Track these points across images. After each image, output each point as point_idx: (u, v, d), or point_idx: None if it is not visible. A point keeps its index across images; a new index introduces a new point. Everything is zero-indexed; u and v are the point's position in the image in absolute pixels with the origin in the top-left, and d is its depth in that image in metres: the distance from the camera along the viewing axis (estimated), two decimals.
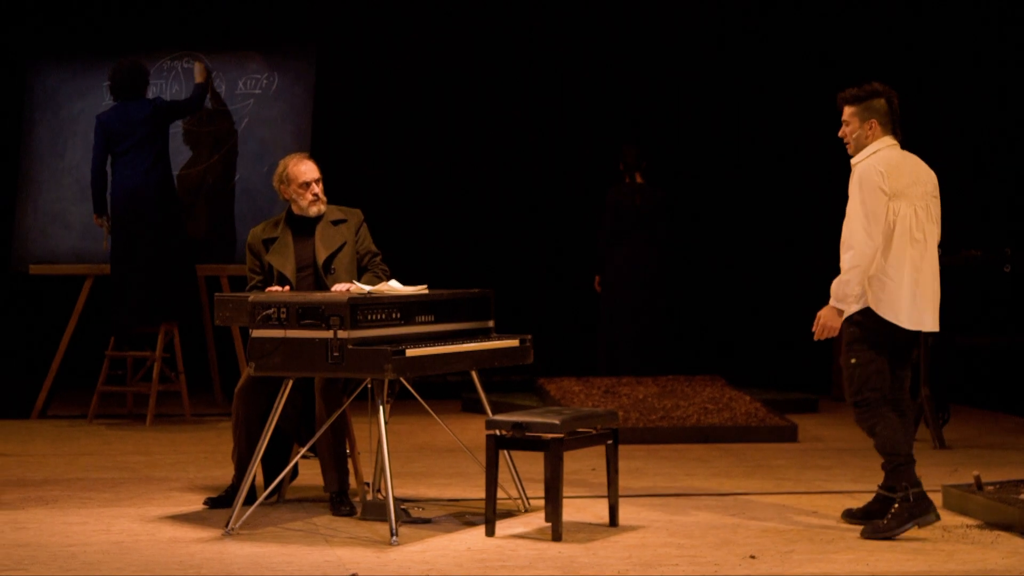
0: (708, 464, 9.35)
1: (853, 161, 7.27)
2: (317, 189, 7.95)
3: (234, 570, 6.33)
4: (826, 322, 7.23)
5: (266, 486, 7.63)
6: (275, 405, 7.28)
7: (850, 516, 7.39)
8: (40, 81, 12.14)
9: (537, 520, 7.42)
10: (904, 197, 7.15)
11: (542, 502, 7.40)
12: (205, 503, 7.84)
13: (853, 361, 7.21)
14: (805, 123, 13.86)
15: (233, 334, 11.73)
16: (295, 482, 8.19)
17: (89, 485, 8.52)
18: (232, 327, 11.50)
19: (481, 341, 7.60)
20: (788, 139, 13.92)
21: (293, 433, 7.78)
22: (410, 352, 7.01)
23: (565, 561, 6.52)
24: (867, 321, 7.16)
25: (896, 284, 7.12)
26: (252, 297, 7.18)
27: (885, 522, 7.04)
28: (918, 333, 7.25)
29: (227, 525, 7.14)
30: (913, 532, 7.02)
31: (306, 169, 7.95)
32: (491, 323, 7.86)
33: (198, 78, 11.68)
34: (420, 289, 7.58)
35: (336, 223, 7.99)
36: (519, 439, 7.10)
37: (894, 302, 7.13)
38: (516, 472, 7.79)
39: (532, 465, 8.20)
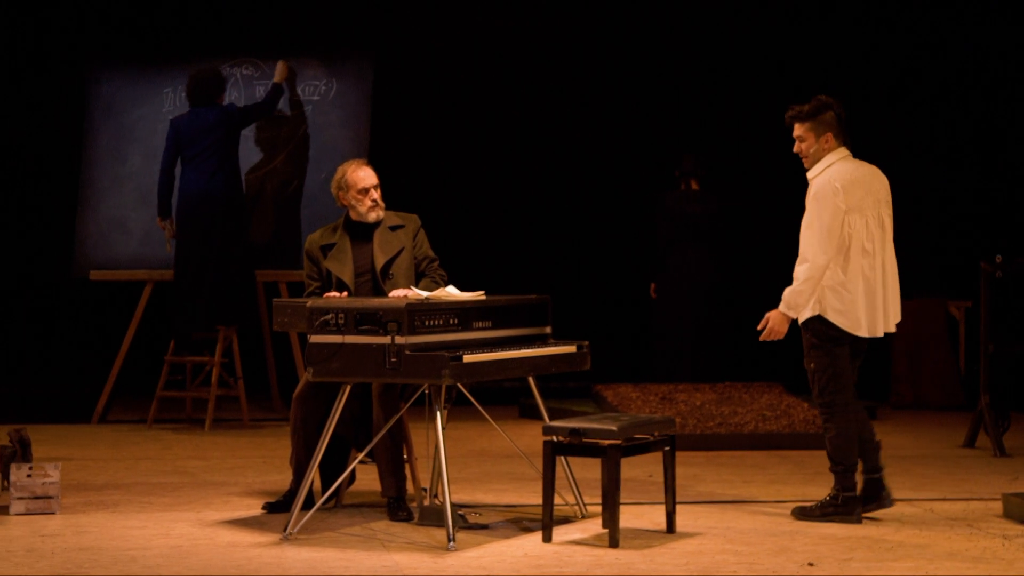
0: (766, 471, 9.31)
1: (810, 175, 7.59)
2: (375, 195, 7.97)
3: (292, 574, 6.35)
4: (774, 326, 7.67)
5: (324, 491, 7.65)
6: (333, 410, 7.30)
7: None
8: (100, 88, 12.23)
9: (594, 526, 7.41)
10: (858, 210, 7.51)
11: (599, 508, 7.40)
12: (263, 508, 7.88)
13: (812, 366, 7.60)
14: (862, 131, 13.80)
15: (291, 340, 11.77)
16: (353, 487, 8.21)
17: (148, 489, 8.57)
18: (290, 333, 11.54)
19: (538, 347, 7.60)
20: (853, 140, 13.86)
21: (351, 438, 7.80)
22: (467, 358, 7.01)
23: (622, 567, 6.51)
24: (822, 327, 7.54)
25: (852, 296, 7.49)
26: (310, 303, 7.20)
27: (814, 506, 7.56)
28: (867, 340, 7.63)
29: (285, 530, 7.16)
30: (974, 540, 6.99)
31: (364, 175, 7.97)
32: (548, 329, 7.86)
33: (277, 77, 11.72)
34: (478, 295, 7.59)
35: (394, 229, 8.01)
36: (576, 445, 7.09)
37: (850, 312, 7.50)
38: (573, 478, 7.79)
39: (589, 471, 8.19)
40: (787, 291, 7.53)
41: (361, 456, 7.63)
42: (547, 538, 7.06)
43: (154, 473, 9.22)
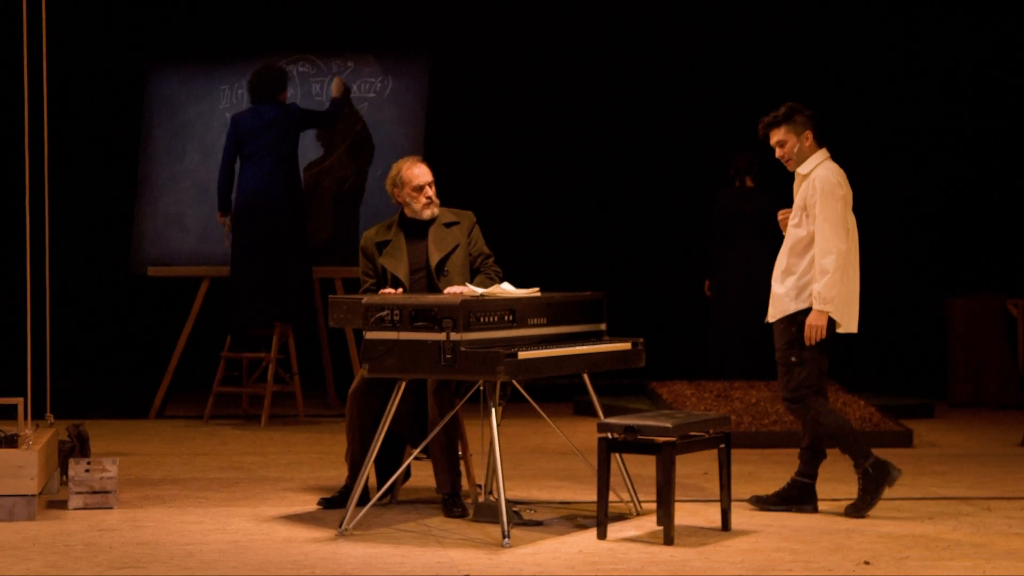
0: (822, 469, 9.25)
1: (802, 170, 7.69)
2: (430, 192, 7.98)
3: (348, 570, 6.37)
4: (817, 329, 7.57)
5: (379, 487, 7.67)
6: (388, 407, 7.32)
7: (761, 502, 7.75)
8: (158, 85, 12.30)
9: (649, 524, 7.40)
10: (849, 208, 7.68)
11: (654, 506, 7.39)
12: (319, 503, 7.90)
13: (794, 359, 7.63)
14: (914, 124, 13.76)
15: (347, 336, 11.81)
16: (408, 483, 8.23)
17: (205, 485, 8.62)
18: (346, 329, 11.59)
19: (593, 344, 7.59)
20: (899, 143, 13.80)
21: (406, 435, 7.82)
22: (522, 355, 7.02)
23: (677, 565, 6.50)
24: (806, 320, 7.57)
25: (845, 287, 7.60)
26: (366, 299, 7.22)
27: (861, 499, 7.56)
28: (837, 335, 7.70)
29: (341, 525, 7.19)
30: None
31: (419, 172, 7.98)
32: (603, 326, 7.85)
33: (335, 93, 11.79)
34: (532, 291, 7.59)
35: (449, 225, 8.02)
36: (631, 442, 7.09)
37: (841, 306, 7.60)
38: (628, 475, 7.78)
39: (644, 468, 8.19)
40: (818, 287, 7.51)
41: (416, 452, 7.65)
42: (602, 535, 7.06)
43: (211, 468, 9.27)
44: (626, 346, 7.71)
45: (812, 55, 13.87)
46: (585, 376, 7.73)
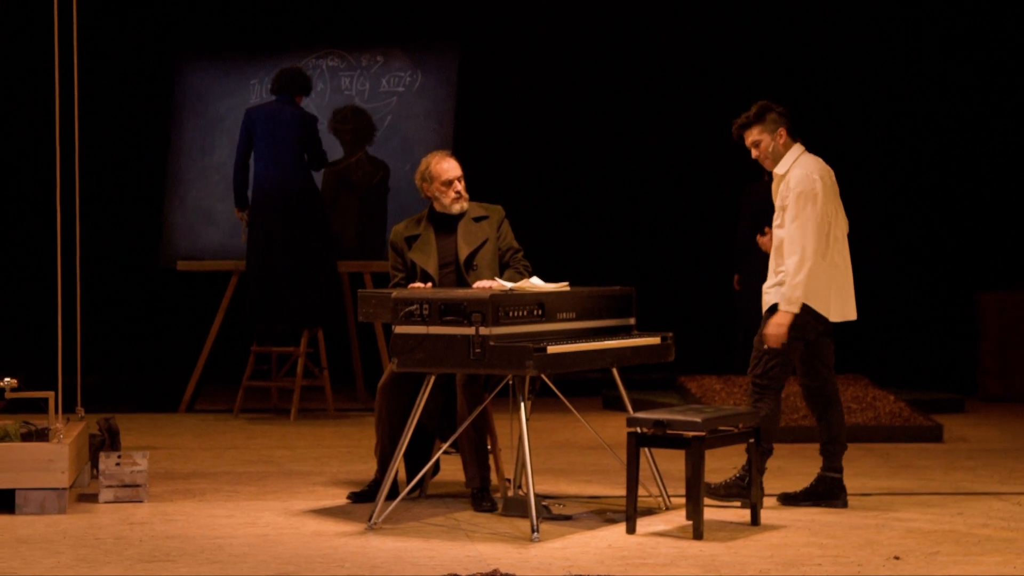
0: (851, 464, 9.24)
1: (778, 170, 7.72)
2: (459, 187, 7.98)
3: (377, 564, 6.38)
4: (778, 332, 7.59)
5: (408, 481, 7.68)
6: (417, 401, 7.32)
7: (790, 500, 7.77)
8: (188, 80, 12.33)
9: (678, 518, 7.40)
10: (832, 199, 7.69)
11: (683, 500, 7.38)
12: (348, 497, 7.92)
13: (766, 347, 7.65)
14: (946, 120, 13.71)
15: (376, 330, 11.83)
16: (437, 477, 8.23)
17: (235, 478, 8.64)
18: (375, 323, 11.60)
19: (622, 338, 7.59)
20: (930, 138, 13.76)
21: (435, 429, 7.82)
22: (551, 349, 7.02)
23: (706, 559, 6.50)
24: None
25: (827, 281, 7.63)
26: (395, 294, 7.23)
27: (719, 485, 7.69)
28: (833, 325, 7.73)
29: (370, 519, 7.20)
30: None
31: (448, 167, 7.98)
32: (632, 320, 7.85)
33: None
34: (562, 286, 7.59)
35: (478, 220, 8.02)
36: (660, 437, 7.08)
37: (826, 297, 7.63)
38: (657, 470, 7.78)
39: (673, 463, 8.18)
40: (784, 289, 7.56)
41: (445, 447, 7.65)
42: (631, 529, 7.06)
43: (240, 462, 9.29)
44: (655, 341, 7.70)
45: (841, 46, 13.83)
46: (614, 370, 7.72)
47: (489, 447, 7.80)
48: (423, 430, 7.73)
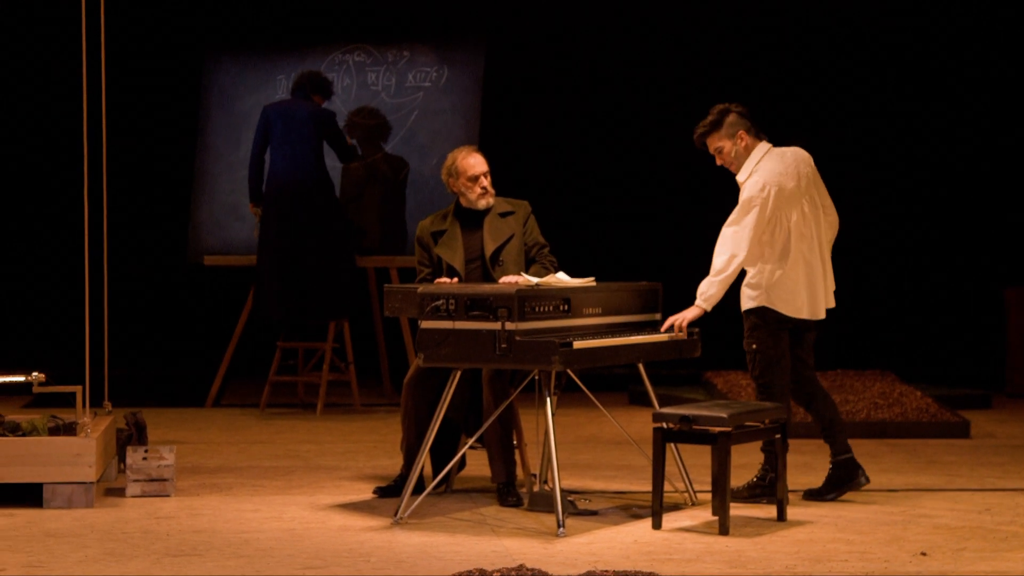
0: (878, 460, 9.24)
1: (739, 179, 7.73)
2: (485, 182, 7.98)
3: (403, 558, 6.39)
4: (682, 317, 7.60)
5: (434, 476, 7.69)
6: (443, 396, 7.33)
7: (815, 495, 7.80)
8: (216, 76, 12.35)
9: (704, 514, 7.39)
10: (794, 201, 7.64)
11: (709, 496, 7.38)
12: (374, 492, 7.93)
13: (754, 347, 7.72)
14: (971, 117, 13.67)
15: (402, 325, 11.83)
16: (463, 472, 8.24)
17: (261, 473, 8.66)
18: (401, 318, 11.61)
19: (649, 334, 7.58)
20: (957, 134, 13.72)
21: (461, 424, 7.83)
22: (577, 344, 7.01)
23: (732, 555, 6.49)
24: (766, 313, 7.68)
25: (794, 282, 7.65)
26: (421, 288, 7.23)
27: (742, 488, 7.71)
28: (814, 321, 7.78)
29: (396, 514, 7.21)
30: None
31: (475, 162, 7.99)
32: (659, 316, 7.84)
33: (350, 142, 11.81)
34: (588, 281, 7.59)
35: (504, 215, 8.02)
36: (686, 432, 7.08)
37: (794, 299, 7.66)
38: (683, 465, 7.77)
39: (699, 458, 8.18)
40: (704, 283, 7.59)
41: (471, 442, 7.66)
42: (657, 525, 7.05)
43: (267, 457, 9.31)
44: (682, 336, 7.70)
45: (869, 37, 13.79)
46: (640, 366, 7.72)
47: (515, 442, 7.80)
48: (449, 425, 7.74)
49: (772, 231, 7.63)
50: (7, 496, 7.54)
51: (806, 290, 7.69)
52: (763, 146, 7.77)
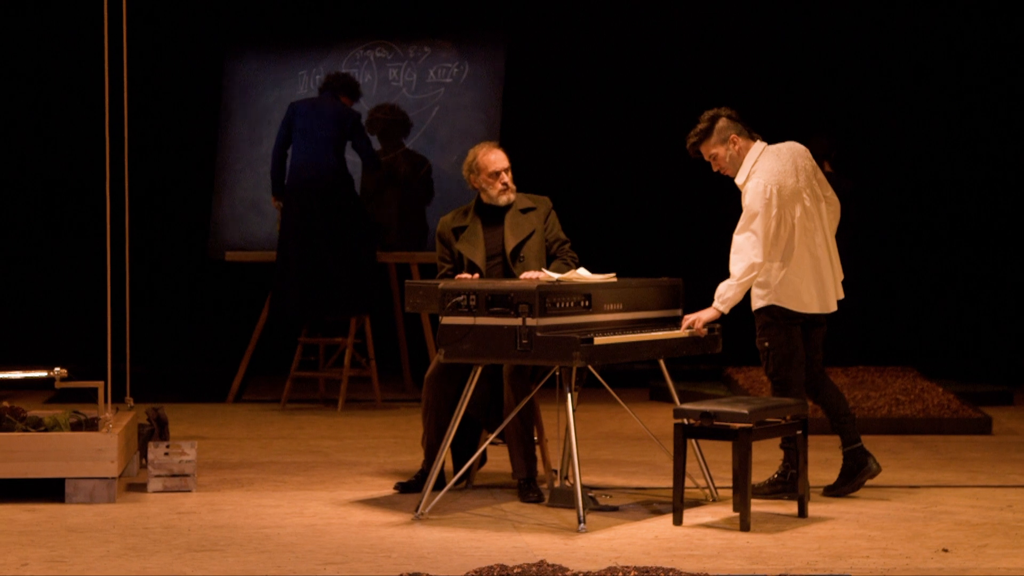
0: (899, 456, 9.23)
1: (738, 182, 7.69)
2: (506, 178, 7.98)
3: (424, 554, 6.39)
4: (699, 319, 7.60)
5: (455, 472, 7.69)
6: (464, 392, 7.34)
7: (833, 490, 7.82)
8: (237, 71, 12.37)
9: (725, 510, 7.39)
10: (796, 198, 7.64)
11: (730, 492, 7.38)
12: (395, 488, 7.94)
13: (767, 344, 7.73)
14: (997, 113, 13.63)
15: (423, 321, 11.84)
16: (483, 468, 8.25)
17: (282, 468, 8.67)
18: (422, 314, 11.61)
19: (670, 330, 7.58)
20: (983, 129, 13.68)
21: (482, 420, 7.84)
22: (598, 340, 7.01)
23: (753, 551, 6.49)
24: (775, 310, 7.68)
25: (799, 278, 7.65)
26: (442, 284, 7.24)
27: (763, 484, 7.68)
28: (824, 314, 7.81)
29: (417, 510, 7.21)
30: None
31: (495, 158, 7.99)
32: (680, 311, 7.84)
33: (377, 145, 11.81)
34: (609, 277, 7.58)
35: (525, 211, 8.02)
36: (707, 428, 7.07)
37: (801, 295, 7.67)
38: (704, 461, 7.77)
39: (720, 454, 8.17)
40: (722, 285, 7.59)
41: (492, 437, 7.66)
42: (678, 521, 7.05)
43: (288, 452, 9.32)
44: (702, 332, 7.69)
45: (908, 28, 13.76)
46: (661, 362, 7.72)
47: (536, 438, 7.81)
48: (470, 421, 7.74)
49: (777, 229, 7.62)
50: (30, 491, 7.56)
51: (814, 284, 7.70)
52: (758, 146, 7.74)
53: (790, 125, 13.47)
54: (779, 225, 7.59)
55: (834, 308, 7.82)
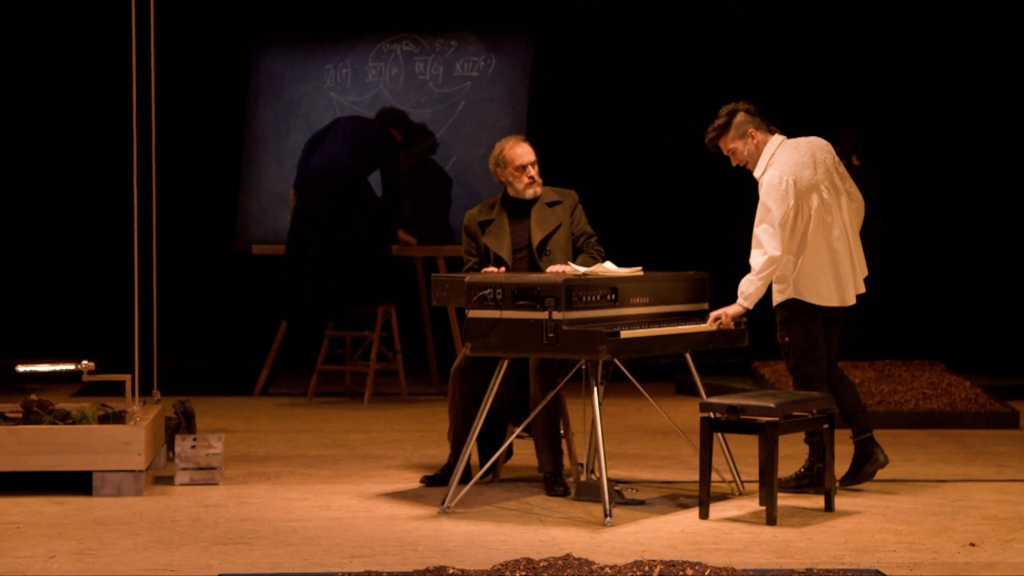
0: (926, 450, 9.21)
1: (756, 175, 7.70)
2: (533, 172, 7.98)
3: (450, 547, 6.40)
4: (725, 315, 7.60)
5: (481, 465, 7.70)
6: (490, 385, 7.34)
7: (846, 481, 7.82)
8: (264, 65, 12.39)
9: (751, 504, 7.38)
10: (812, 189, 7.65)
11: (756, 486, 7.37)
12: (421, 481, 7.94)
13: (787, 340, 7.73)
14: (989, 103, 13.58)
15: (449, 314, 11.85)
16: (510, 462, 8.25)
17: (309, 462, 8.69)
18: (448, 308, 11.61)
19: (696, 323, 7.57)
20: (1014, 123, 13.63)
21: (508, 413, 7.84)
22: (625, 334, 7.01)
23: (780, 545, 6.48)
24: (796, 303, 7.69)
25: (818, 271, 7.66)
26: (468, 278, 7.24)
27: (789, 478, 7.69)
28: (841, 308, 7.81)
29: (443, 503, 7.22)
30: None
31: (522, 152, 7.98)
32: (706, 305, 7.83)
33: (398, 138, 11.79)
34: (635, 271, 7.58)
35: (551, 205, 8.02)
36: (734, 422, 7.07)
37: (819, 288, 7.68)
38: (730, 455, 7.76)
39: (746, 448, 8.16)
40: (744, 281, 7.60)
41: (518, 431, 7.66)
42: (704, 515, 7.05)
43: (314, 446, 9.34)
44: (729, 325, 7.68)
45: (911, 32, 13.72)
46: (688, 355, 7.72)
47: (562, 431, 7.81)
48: (496, 414, 7.74)
49: (794, 221, 7.62)
50: (57, 484, 7.59)
51: (832, 276, 7.70)
52: (776, 139, 7.75)
53: (819, 118, 13.46)
54: (796, 216, 7.59)
55: (853, 302, 7.80)
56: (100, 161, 13.61)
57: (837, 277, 7.71)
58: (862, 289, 7.84)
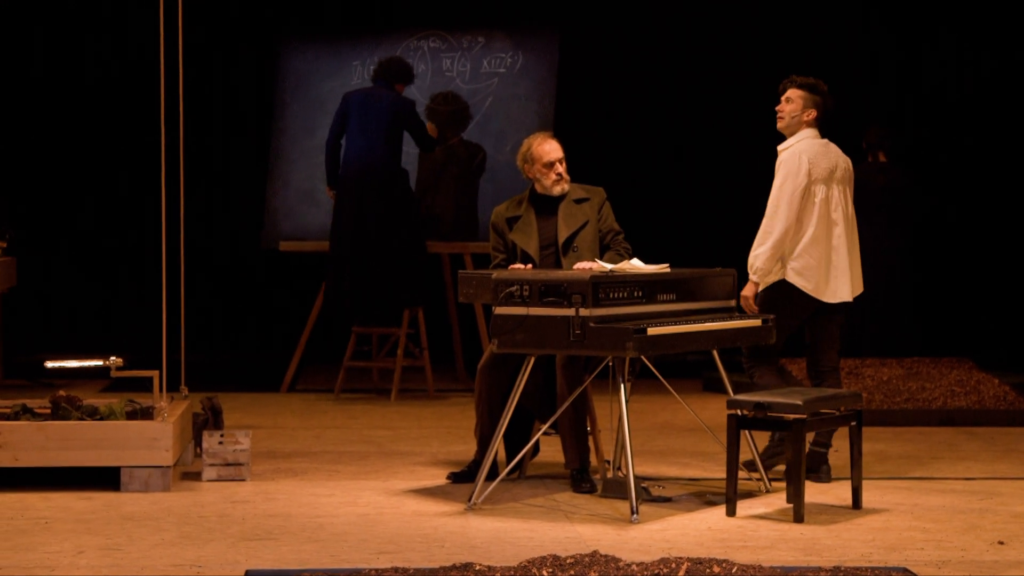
0: (954, 448, 9.18)
1: (780, 148, 7.97)
2: (560, 168, 7.97)
3: (476, 544, 6.40)
4: (745, 296, 7.87)
5: (508, 462, 7.70)
6: (517, 382, 7.34)
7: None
8: (291, 61, 12.40)
9: (778, 501, 7.36)
10: (823, 181, 7.91)
11: (783, 483, 7.35)
12: (448, 478, 7.95)
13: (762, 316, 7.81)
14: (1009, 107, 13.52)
15: (476, 311, 11.84)
16: (536, 458, 8.25)
17: (336, 458, 8.70)
18: (475, 304, 11.61)
19: (723, 320, 7.56)
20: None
21: (535, 410, 7.83)
22: (652, 331, 7.00)
23: (807, 543, 6.47)
24: (784, 287, 7.86)
25: (816, 260, 7.84)
26: (495, 275, 7.24)
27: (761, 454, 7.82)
28: (840, 304, 7.94)
29: (470, 500, 7.23)
30: None
31: (550, 149, 7.98)
32: (733, 302, 7.82)
33: (432, 134, 11.77)
34: (662, 267, 7.57)
35: (579, 202, 8.02)
36: (761, 419, 7.06)
37: (814, 276, 7.85)
38: (757, 452, 7.75)
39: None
40: (752, 256, 7.86)
41: (545, 428, 7.66)
42: (731, 512, 7.04)
43: (341, 442, 9.35)
44: (756, 323, 7.68)
45: (938, 28, 13.68)
46: (715, 352, 7.71)
47: (589, 428, 7.80)
48: (523, 411, 7.74)
49: (802, 196, 7.83)
50: (85, 479, 7.62)
51: (828, 273, 7.87)
52: (814, 131, 8.01)
53: (846, 115, 13.42)
54: (804, 193, 7.81)
55: (845, 299, 7.92)
56: (128, 159, 13.64)
57: (831, 273, 7.88)
58: (857, 291, 7.98)
